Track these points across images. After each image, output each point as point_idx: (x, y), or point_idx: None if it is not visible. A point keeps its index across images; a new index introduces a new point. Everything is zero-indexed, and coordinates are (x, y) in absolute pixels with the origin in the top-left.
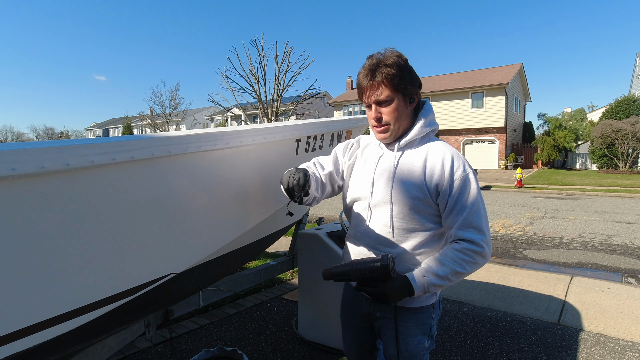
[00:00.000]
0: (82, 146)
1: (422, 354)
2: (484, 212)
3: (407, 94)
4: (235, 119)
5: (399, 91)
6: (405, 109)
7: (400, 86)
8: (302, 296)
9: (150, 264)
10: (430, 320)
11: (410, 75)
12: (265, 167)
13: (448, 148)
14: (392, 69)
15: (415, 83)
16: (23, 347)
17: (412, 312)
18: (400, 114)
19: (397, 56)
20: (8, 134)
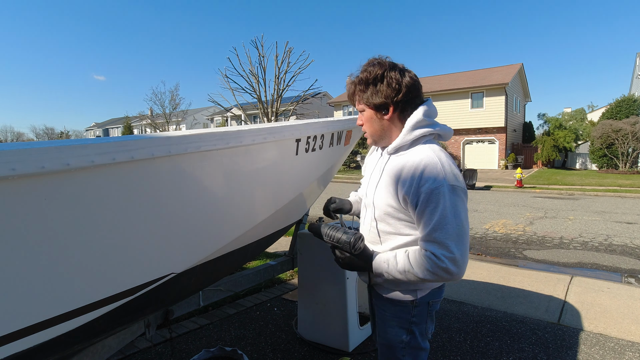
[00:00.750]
0: (82, 146)
1: (400, 347)
2: (457, 228)
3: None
4: (235, 119)
5: (367, 104)
6: (380, 119)
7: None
8: (302, 296)
9: (150, 264)
10: (407, 316)
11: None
12: (266, 167)
13: (426, 158)
14: (358, 85)
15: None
16: (23, 347)
17: (390, 303)
18: (374, 124)
19: (365, 70)
20: (8, 134)
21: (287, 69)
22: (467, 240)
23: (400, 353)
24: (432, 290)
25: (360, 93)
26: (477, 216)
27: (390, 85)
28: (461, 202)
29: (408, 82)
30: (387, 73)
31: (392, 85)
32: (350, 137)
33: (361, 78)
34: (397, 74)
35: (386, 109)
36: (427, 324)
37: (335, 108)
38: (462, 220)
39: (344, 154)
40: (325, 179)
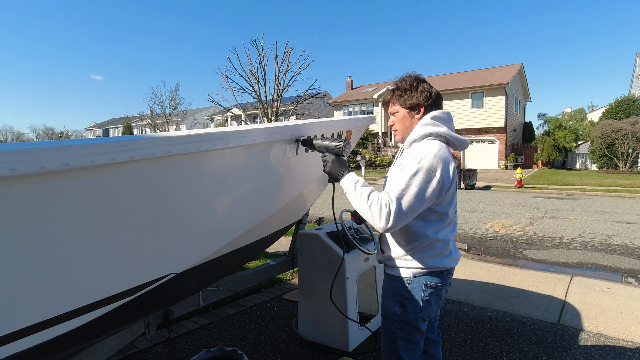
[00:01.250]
0: (82, 146)
1: (393, 319)
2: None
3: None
4: (235, 119)
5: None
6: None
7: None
8: (302, 296)
9: (150, 264)
10: (402, 291)
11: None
12: (266, 167)
13: (423, 145)
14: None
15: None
16: (23, 347)
17: (389, 278)
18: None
19: (403, 80)
20: (8, 134)
21: (287, 69)
22: (409, 209)
23: (393, 325)
24: (429, 273)
25: (398, 97)
26: (477, 216)
27: (423, 92)
28: (424, 184)
29: (435, 92)
30: (421, 84)
31: (425, 93)
32: (350, 137)
33: (399, 86)
34: (428, 85)
35: (418, 110)
36: (421, 304)
37: (335, 108)
38: (416, 194)
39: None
40: (325, 179)
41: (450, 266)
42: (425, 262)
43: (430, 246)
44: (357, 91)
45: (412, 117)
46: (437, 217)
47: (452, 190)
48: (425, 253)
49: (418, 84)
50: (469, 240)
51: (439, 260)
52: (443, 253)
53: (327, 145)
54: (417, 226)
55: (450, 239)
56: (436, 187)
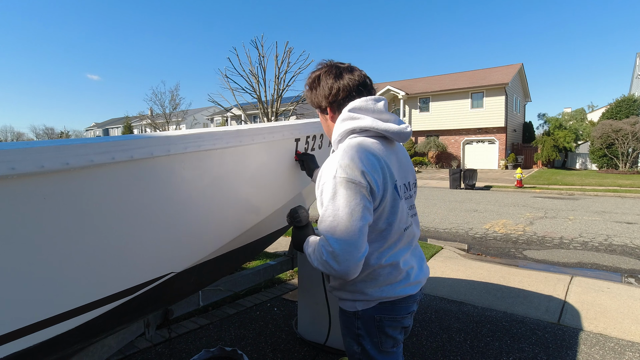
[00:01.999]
0: (81, 146)
1: (355, 357)
2: (335, 221)
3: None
4: (235, 119)
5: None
6: (325, 120)
7: (310, 103)
8: (302, 296)
9: (150, 264)
10: (353, 328)
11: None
12: (265, 167)
13: (333, 154)
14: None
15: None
16: (23, 346)
17: (341, 312)
18: (323, 125)
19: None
20: (8, 134)
21: (287, 69)
22: (352, 236)
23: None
24: (378, 305)
25: (308, 97)
26: (477, 216)
27: (323, 89)
28: (351, 196)
29: (343, 84)
30: (323, 77)
31: (325, 88)
32: None
33: (306, 83)
34: (331, 77)
35: (325, 110)
36: (379, 337)
37: None
38: (346, 214)
39: None
40: None
41: (406, 294)
42: (370, 293)
43: (373, 275)
44: None
45: (325, 119)
46: (378, 235)
47: (389, 197)
48: (368, 283)
49: (320, 78)
50: (469, 240)
51: (389, 289)
52: (393, 280)
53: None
54: None
55: (401, 260)
56: (368, 197)
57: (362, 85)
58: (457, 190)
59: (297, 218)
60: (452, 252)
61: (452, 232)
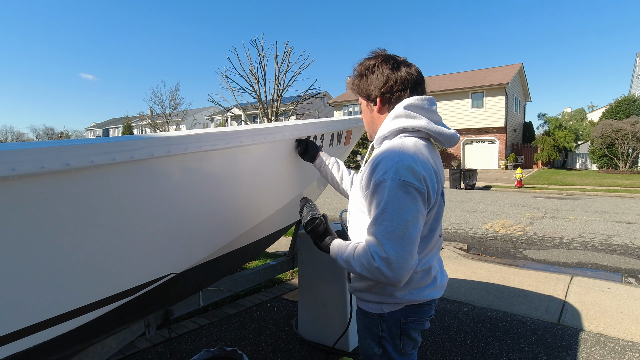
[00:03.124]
0: (82, 146)
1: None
2: (395, 226)
3: (366, 97)
4: (235, 119)
5: (360, 95)
6: (370, 111)
7: (358, 91)
8: (302, 296)
9: (150, 264)
10: (377, 330)
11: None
12: (266, 167)
13: (391, 149)
14: (355, 78)
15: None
16: (23, 347)
17: (362, 314)
18: (366, 115)
19: (361, 63)
20: (8, 134)
21: (287, 69)
22: (409, 243)
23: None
24: (405, 308)
25: (355, 85)
26: (477, 216)
27: (378, 78)
28: (411, 201)
29: (399, 76)
30: (378, 66)
31: (381, 77)
32: (350, 137)
33: (357, 70)
34: (388, 67)
35: (374, 101)
36: (402, 340)
37: (335, 108)
38: (406, 220)
39: (344, 154)
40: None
41: (433, 297)
42: (400, 296)
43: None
44: None
45: (370, 110)
46: (420, 243)
47: (437, 203)
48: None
49: (375, 66)
50: (469, 240)
51: (417, 293)
52: (424, 283)
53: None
54: None
55: (432, 264)
56: (425, 204)
57: (418, 82)
58: (457, 190)
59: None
60: (452, 252)
61: (452, 232)
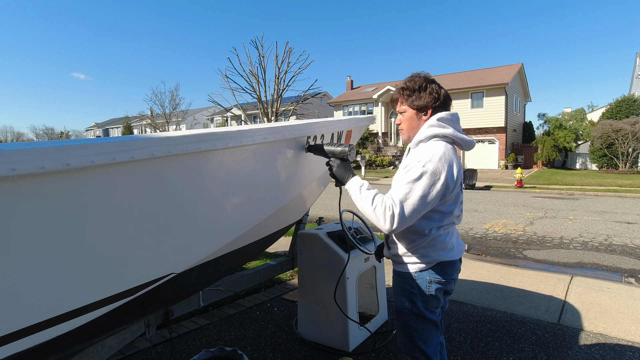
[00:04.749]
0: (82, 146)
1: (405, 312)
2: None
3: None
4: (235, 119)
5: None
6: (419, 119)
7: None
8: (302, 296)
9: (150, 264)
10: (408, 287)
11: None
12: (265, 167)
13: (428, 146)
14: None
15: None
16: (23, 347)
17: (397, 275)
18: (412, 122)
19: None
20: (8, 134)
21: (287, 69)
22: (414, 212)
23: (405, 318)
24: (432, 268)
25: (406, 97)
26: (477, 216)
27: (431, 94)
28: (428, 187)
29: (444, 94)
30: (429, 85)
31: (433, 94)
32: (350, 137)
33: (408, 86)
34: (437, 86)
35: (426, 111)
36: (427, 297)
37: (335, 108)
38: (420, 197)
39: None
40: (325, 179)
41: (454, 259)
42: (429, 257)
43: (432, 242)
44: (357, 91)
45: (419, 118)
46: (440, 216)
47: (456, 190)
48: (428, 249)
49: (427, 85)
50: (469, 240)
51: (443, 254)
52: (445, 247)
53: (333, 151)
54: (421, 225)
55: (451, 232)
56: (440, 190)
57: (450, 100)
58: None
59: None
60: None
61: None
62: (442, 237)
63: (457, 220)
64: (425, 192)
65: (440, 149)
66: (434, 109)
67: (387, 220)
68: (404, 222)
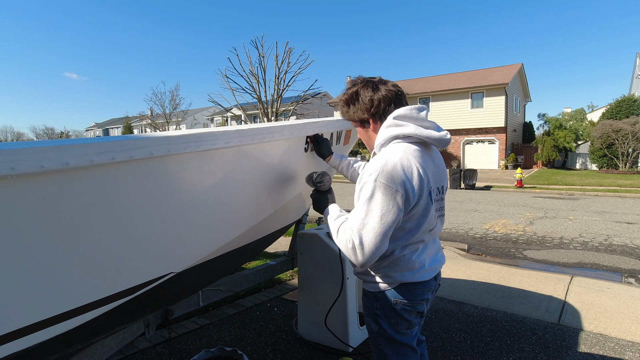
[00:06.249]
0: (81, 146)
1: (374, 335)
2: (365, 221)
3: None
4: (235, 119)
5: (352, 121)
6: (366, 131)
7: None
8: (302, 296)
9: (150, 264)
10: (372, 308)
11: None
12: (265, 167)
13: (380, 155)
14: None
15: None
16: (23, 347)
17: (363, 293)
18: (363, 135)
19: (344, 92)
20: (8, 134)
21: (287, 69)
22: (377, 237)
23: (375, 340)
24: (396, 289)
25: (345, 113)
26: (477, 216)
27: (364, 103)
28: (386, 203)
29: (382, 95)
30: (360, 91)
31: (366, 101)
32: (349, 137)
33: (342, 100)
34: (369, 90)
35: (367, 122)
36: (395, 319)
37: (335, 108)
38: (379, 217)
39: (343, 154)
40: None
41: (422, 280)
42: (391, 278)
43: (395, 262)
44: None
45: (366, 131)
46: (405, 234)
47: (423, 202)
48: (389, 269)
49: (358, 92)
50: (469, 240)
51: (408, 275)
52: (412, 267)
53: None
54: None
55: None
56: (401, 204)
57: (399, 95)
58: (457, 190)
59: (321, 183)
60: (452, 252)
61: (452, 232)
62: (406, 257)
63: (429, 235)
64: (384, 210)
65: (395, 155)
66: (374, 117)
67: (351, 255)
68: (370, 252)
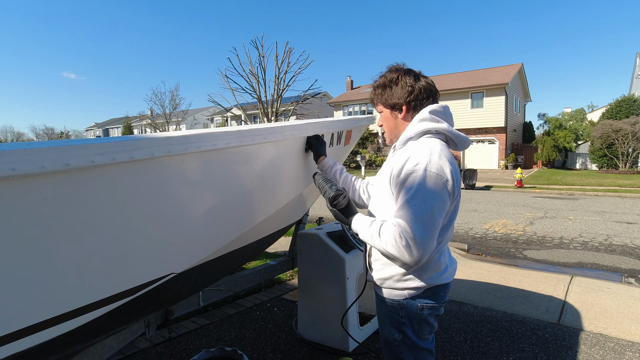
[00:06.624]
0: (82, 146)
1: (395, 344)
2: (422, 212)
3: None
4: (235, 119)
5: (384, 105)
6: (395, 118)
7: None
8: (302, 296)
9: (150, 264)
10: (397, 317)
11: (390, 91)
12: (265, 167)
13: (420, 146)
14: (376, 89)
15: (395, 97)
16: (23, 347)
17: (381, 301)
18: (389, 122)
19: (383, 75)
20: (8, 134)
21: (287, 69)
22: (433, 228)
23: (397, 350)
24: (423, 293)
25: (379, 95)
26: (477, 216)
27: (404, 88)
28: (438, 193)
29: (422, 85)
30: (402, 77)
31: (406, 88)
32: (350, 137)
33: (379, 82)
34: (411, 78)
35: (400, 109)
36: (420, 325)
37: (335, 108)
38: (433, 207)
39: (344, 154)
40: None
41: (448, 281)
42: (420, 282)
43: (426, 263)
44: (357, 91)
45: (395, 117)
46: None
47: (458, 197)
48: (419, 272)
49: (399, 78)
50: (469, 240)
51: (436, 277)
52: (439, 269)
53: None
54: None
55: (445, 250)
56: (450, 193)
57: (435, 92)
58: None
59: (339, 204)
60: (452, 252)
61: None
62: (435, 258)
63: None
64: (437, 200)
65: (436, 147)
66: (408, 105)
67: (405, 253)
68: (427, 244)
